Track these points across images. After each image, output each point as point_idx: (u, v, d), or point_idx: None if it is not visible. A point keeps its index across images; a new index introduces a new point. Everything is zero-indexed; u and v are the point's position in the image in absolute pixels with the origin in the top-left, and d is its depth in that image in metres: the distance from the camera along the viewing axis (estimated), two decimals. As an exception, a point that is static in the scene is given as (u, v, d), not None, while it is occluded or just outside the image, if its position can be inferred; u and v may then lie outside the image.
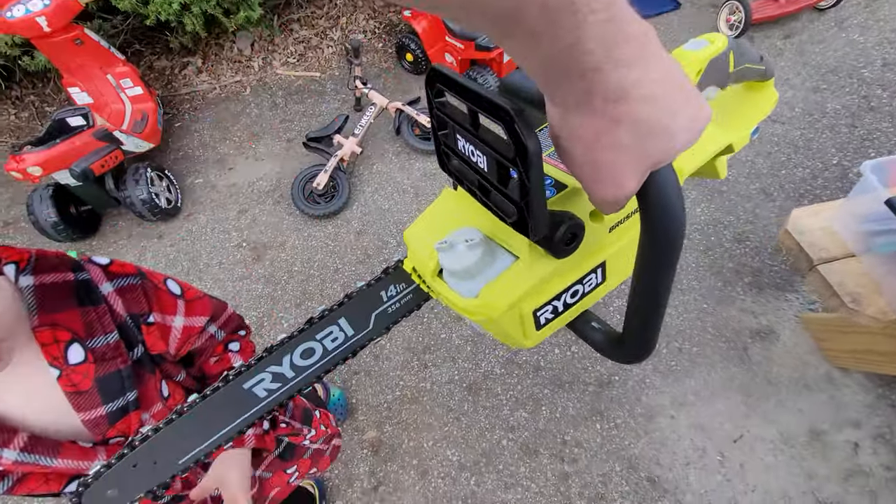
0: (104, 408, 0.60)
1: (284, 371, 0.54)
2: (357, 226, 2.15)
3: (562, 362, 1.66)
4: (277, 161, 2.45)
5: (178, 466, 0.56)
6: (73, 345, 0.56)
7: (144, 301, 0.63)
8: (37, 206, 1.98)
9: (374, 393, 1.66)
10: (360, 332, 0.56)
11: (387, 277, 0.54)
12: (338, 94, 2.77)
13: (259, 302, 1.93)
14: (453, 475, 1.48)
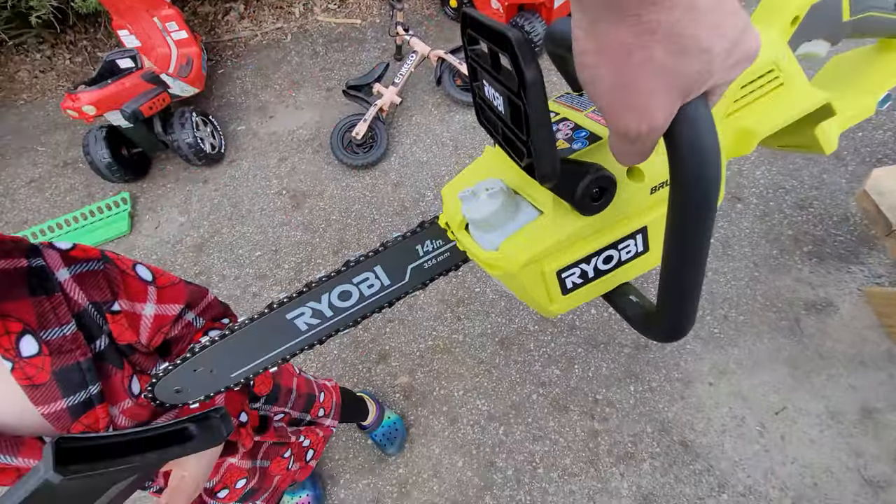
0: (64, 401, 0.56)
1: (323, 309, 0.55)
2: (395, 177, 2.13)
3: (598, 323, 1.63)
4: (317, 110, 2.44)
5: (230, 379, 0.59)
6: (26, 336, 0.52)
7: (108, 288, 0.59)
8: (92, 147, 2.07)
9: (408, 341, 1.68)
10: (395, 283, 0.56)
11: (422, 231, 0.53)
12: (378, 42, 2.69)
13: (298, 248, 1.97)
14: (482, 424, 1.50)
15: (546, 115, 0.30)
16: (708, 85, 0.25)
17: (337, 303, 0.55)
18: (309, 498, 1.40)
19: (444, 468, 1.45)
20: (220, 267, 1.97)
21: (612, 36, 0.23)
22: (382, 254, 0.53)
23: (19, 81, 2.84)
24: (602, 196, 0.37)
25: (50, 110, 2.70)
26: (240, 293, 1.88)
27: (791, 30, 0.44)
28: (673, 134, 0.26)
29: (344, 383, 1.63)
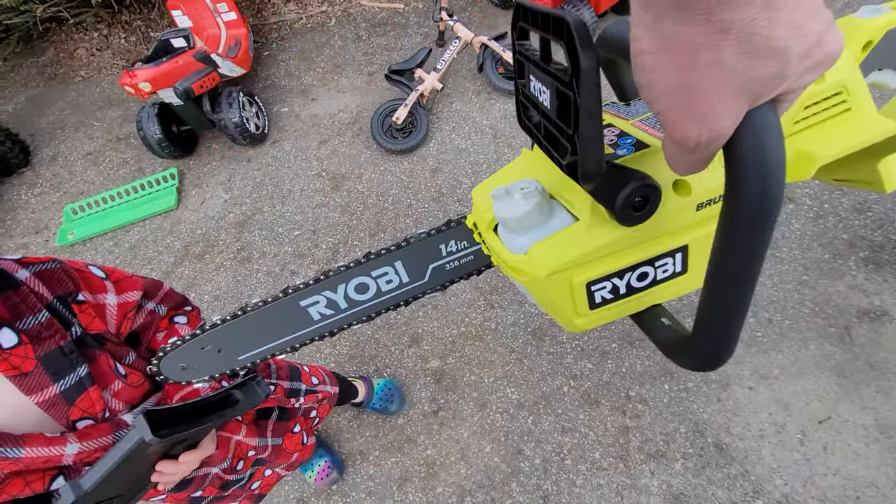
0: (56, 386, 0.58)
1: (338, 300, 0.55)
2: (433, 163, 2.13)
3: (634, 319, 1.60)
4: (358, 94, 2.46)
5: (237, 362, 0.59)
6: (2, 329, 0.55)
7: (69, 282, 0.62)
8: (145, 123, 2.15)
9: (440, 326, 1.70)
10: (414, 282, 0.55)
11: (448, 230, 0.51)
12: (421, 28, 2.68)
13: (335, 229, 2.01)
14: (511, 412, 1.51)
15: (598, 105, 0.29)
16: (780, 90, 0.23)
17: (353, 295, 0.54)
18: (328, 462, 1.44)
19: (471, 452, 1.46)
20: (261, 244, 2.03)
21: (678, 35, 0.22)
22: (405, 249, 0.52)
23: (78, 59, 2.98)
24: (644, 206, 0.35)
25: (105, 87, 2.82)
26: (279, 270, 1.94)
27: (863, 55, 0.42)
28: (735, 142, 0.24)
29: (376, 364, 1.67)
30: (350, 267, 0.53)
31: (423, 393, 1.59)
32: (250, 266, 1.97)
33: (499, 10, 2.67)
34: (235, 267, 1.98)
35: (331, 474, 1.43)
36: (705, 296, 0.30)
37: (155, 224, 2.19)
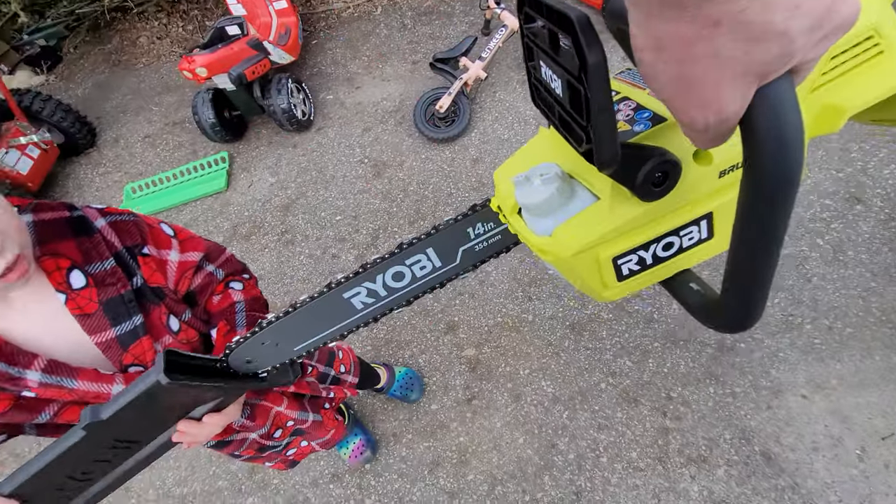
0: (113, 330, 0.63)
1: (377, 289, 0.57)
2: (474, 153, 2.12)
3: (679, 318, 1.54)
4: (402, 82, 2.47)
5: (293, 352, 0.63)
6: (74, 271, 0.60)
7: (138, 234, 0.67)
8: (200, 108, 2.25)
9: (476, 315, 1.70)
10: (446, 265, 0.57)
11: (473, 214, 0.53)
12: (466, 17, 2.66)
13: (376, 216, 2.04)
14: (546, 405, 1.49)
15: (609, 100, 0.29)
16: (790, 65, 0.22)
17: (391, 283, 0.57)
18: (363, 441, 1.48)
19: (504, 442, 1.46)
20: (304, 227, 2.08)
21: (669, 32, 0.22)
22: (434, 236, 0.54)
23: (140, 47, 3.14)
24: (665, 181, 0.35)
25: (164, 74, 2.96)
26: (320, 253, 1.99)
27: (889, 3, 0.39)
28: (749, 118, 0.24)
29: (411, 349, 1.68)
30: (385, 258, 0.55)
31: (458, 381, 1.59)
32: (293, 248, 2.03)
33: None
34: (279, 248, 2.04)
35: (364, 452, 1.46)
36: (732, 262, 0.31)
37: (206, 205, 2.29)
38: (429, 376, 1.61)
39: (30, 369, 0.59)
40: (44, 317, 0.61)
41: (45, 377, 0.59)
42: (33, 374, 0.59)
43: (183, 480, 1.59)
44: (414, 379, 1.57)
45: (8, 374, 0.57)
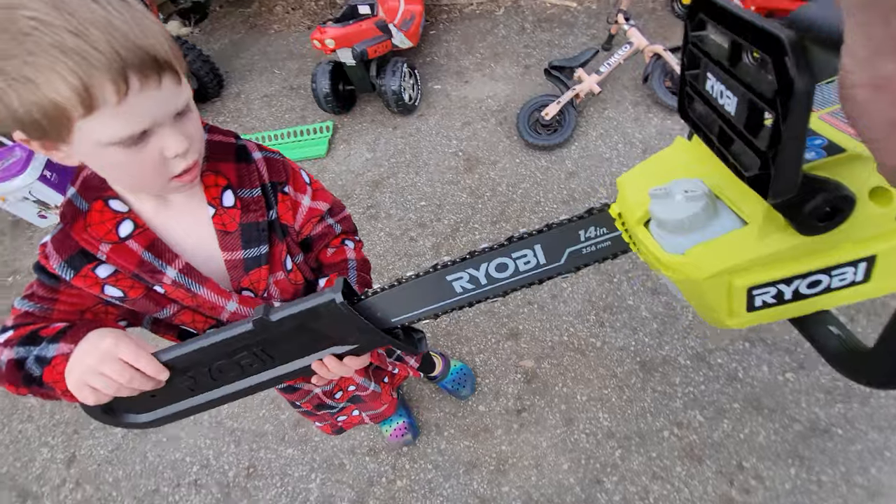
0: (242, 252, 0.68)
1: (479, 276, 0.58)
2: (570, 166, 2.06)
3: (768, 384, 1.40)
4: (510, 84, 2.46)
5: (391, 323, 0.64)
6: (227, 191, 0.66)
7: (283, 173, 0.71)
8: (319, 77, 2.39)
9: (542, 328, 1.65)
10: (550, 263, 0.57)
11: (589, 217, 0.51)
12: (588, 29, 2.60)
13: (459, 208, 2.05)
14: (599, 438, 1.41)
15: (804, 130, 0.27)
16: None
17: (493, 273, 0.58)
18: (406, 423, 1.48)
19: (546, 463, 1.40)
20: (389, 206, 2.14)
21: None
22: (545, 234, 0.54)
23: (275, 14, 3.40)
24: (833, 217, 0.32)
25: (291, 42, 3.18)
26: (399, 234, 2.03)
27: None
28: None
29: (470, 347, 1.67)
30: (493, 248, 0.56)
31: (511, 389, 1.55)
32: (375, 224, 2.10)
33: (680, 21, 2.48)
34: (362, 221, 2.12)
35: (405, 434, 1.46)
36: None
37: (304, 167, 2.42)
38: (482, 377, 1.59)
39: (170, 266, 0.64)
40: (191, 224, 0.67)
41: (179, 277, 0.65)
42: (171, 272, 0.64)
43: (235, 415, 1.69)
44: (467, 375, 1.56)
45: (152, 266, 0.63)
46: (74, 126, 0.47)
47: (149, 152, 0.52)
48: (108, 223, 0.61)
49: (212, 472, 1.59)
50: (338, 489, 1.48)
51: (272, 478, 1.54)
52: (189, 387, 0.63)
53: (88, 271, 0.62)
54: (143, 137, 0.51)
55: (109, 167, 0.55)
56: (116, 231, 0.61)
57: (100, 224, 0.60)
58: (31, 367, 0.57)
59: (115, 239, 0.61)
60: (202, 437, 1.67)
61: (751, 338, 1.49)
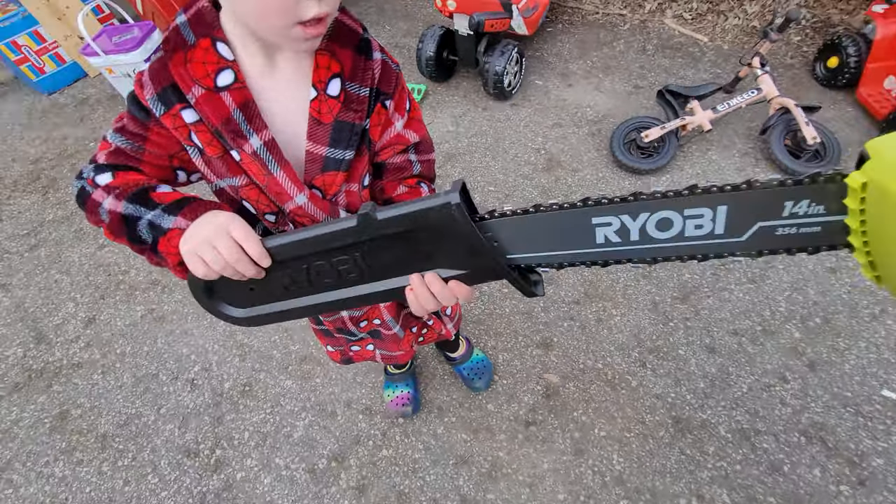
0: (326, 149, 0.62)
1: (632, 229, 0.46)
2: (655, 196, 1.92)
3: (816, 490, 1.22)
4: (615, 99, 2.34)
5: (506, 259, 0.54)
6: (336, 79, 0.59)
7: (393, 86, 0.64)
8: (427, 40, 2.36)
9: (578, 349, 1.53)
10: (728, 237, 0.44)
11: (809, 185, 0.39)
12: (713, 67, 2.43)
13: (527, 203, 1.95)
14: (606, 480, 1.28)
15: None
16: None
17: (650, 229, 0.46)
18: (410, 394, 1.41)
19: (542, 487, 1.29)
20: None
21: None
22: (739, 193, 0.41)
23: (401, -25, 3.42)
24: None
25: (409, 2, 3.19)
26: (458, 210, 1.96)
27: None
28: None
29: (496, 342, 1.58)
30: (665, 196, 0.44)
31: (526, 398, 1.44)
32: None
33: (816, 84, 2.27)
34: (425, 188, 2.07)
35: (406, 405, 1.39)
36: None
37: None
38: (500, 377, 1.49)
39: (256, 134, 0.59)
40: (288, 100, 0.61)
41: (261, 150, 0.60)
42: (255, 141, 0.59)
43: (248, 331, 1.68)
44: (486, 368, 1.47)
45: (238, 128, 0.58)
46: None
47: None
48: (210, 66, 0.56)
49: (210, 378, 1.58)
50: (322, 436, 1.42)
51: (264, 402, 1.51)
52: (286, 285, 0.60)
53: (177, 111, 0.58)
54: None
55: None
56: (214, 77, 0.56)
57: (200, 63, 0.55)
58: (142, 230, 0.57)
59: (211, 85, 0.56)
60: (212, 341, 1.67)
61: (809, 433, 1.30)
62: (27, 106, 2.94)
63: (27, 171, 2.46)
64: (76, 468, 1.42)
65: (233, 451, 1.41)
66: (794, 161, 1.89)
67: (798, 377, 1.40)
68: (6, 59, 2.83)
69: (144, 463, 1.42)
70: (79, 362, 1.66)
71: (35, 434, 1.51)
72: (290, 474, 1.36)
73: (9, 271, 1.98)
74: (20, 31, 2.80)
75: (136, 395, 1.56)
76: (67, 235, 2.09)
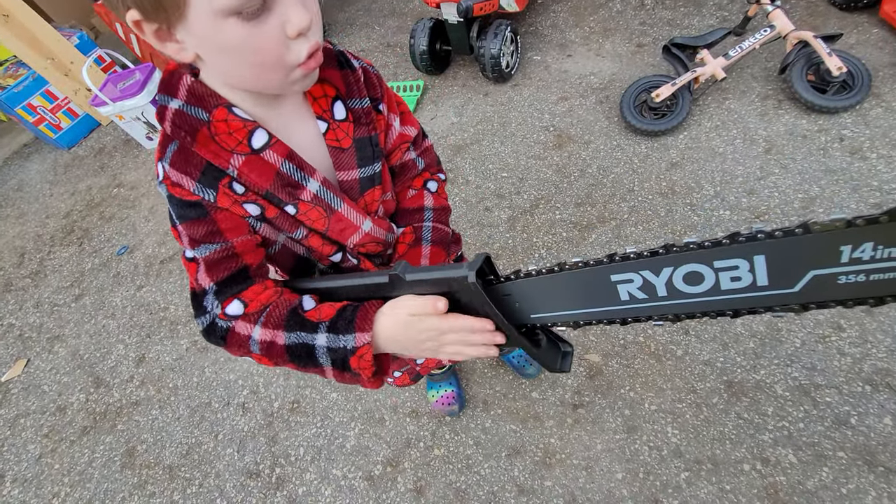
0: (358, 171, 0.62)
1: (657, 285, 0.43)
2: (674, 156, 1.85)
3: (889, 439, 1.16)
4: (618, 62, 2.26)
5: (528, 319, 0.54)
6: (337, 102, 0.59)
7: (379, 89, 0.64)
8: (418, 34, 2.33)
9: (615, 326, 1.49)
10: (775, 288, 0.38)
11: (868, 227, 0.32)
12: (718, 10, 2.31)
13: (542, 185, 1.92)
14: (664, 454, 1.26)
15: None
16: None
17: (679, 284, 0.42)
18: (454, 393, 1.42)
19: (598, 468, 1.27)
20: (468, 172, 2.06)
21: None
22: (777, 241, 0.36)
23: (383, -28, 3.38)
24: None
25: (394, 1, 3.16)
26: (475, 201, 1.95)
27: None
28: None
29: (532, 328, 1.56)
30: (687, 249, 0.41)
31: (569, 381, 1.43)
32: (451, 188, 2.02)
33: (834, 9, 2.12)
34: (438, 184, 2.05)
35: (452, 405, 1.40)
36: None
37: (389, 123, 2.40)
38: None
39: (312, 178, 0.57)
40: (306, 141, 0.59)
41: (321, 191, 0.58)
42: (313, 185, 0.57)
43: (288, 350, 1.72)
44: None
45: (291, 179, 0.56)
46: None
47: (270, 27, 0.45)
48: (238, 133, 0.53)
49: (259, 399, 1.63)
50: (374, 442, 1.45)
51: (314, 416, 1.54)
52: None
53: (225, 188, 0.54)
54: (264, 8, 0.45)
55: (227, 52, 0.47)
56: (249, 142, 0.53)
57: (227, 134, 0.52)
58: (320, 356, 0.56)
59: (248, 150, 0.53)
60: (255, 364, 1.72)
61: (874, 381, 1.24)
62: (51, 163, 3.08)
63: (61, 226, 2.58)
64: (150, 500, 1.50)
65: (291, 468, 1.46)
66: (821, 96, 1.78)
67: (855, 324, 1.33)
68: (25, 122, 2.97)
69: (211, 488, 1.48)
70: (136, 400, 1.74)
71: (108, 472, 1.60)
72: (348, 483, 1.39)
73: (60, 323, 2.09)
74: (33, 92, 2.92)
75: (194, 424, 1.63)
76: (107, 281, 2.19)
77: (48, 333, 2.07)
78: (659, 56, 2.16)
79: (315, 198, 0.58)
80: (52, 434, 1.74)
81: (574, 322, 0.51)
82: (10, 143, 3.42)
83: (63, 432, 1.73)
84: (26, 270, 2.40)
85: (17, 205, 2.87)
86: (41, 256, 2.45)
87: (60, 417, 1.77)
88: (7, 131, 3.54)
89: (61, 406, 1.81)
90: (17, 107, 2.88)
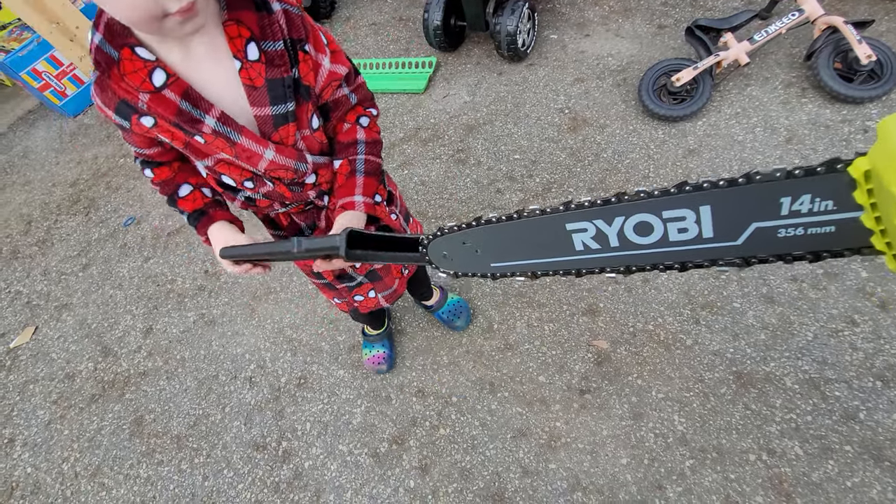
0: (270, 108, 0.66)
1: (610, 235, 0.45)
2: (692, 143, 1.81)
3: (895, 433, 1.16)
4: (638, 44, 2.19)
5: (489, 268, 0.58)
6: (251, 43, 0.62)
7: (303, 30, 0.66)
8: (432, 8, 2.26)
9: (626, 311, 1.49)
10: (718, 241, 0.40)
11: (807, 178, 0.33)
12: (746, -7, 2.23)
13: (556, 168, 1.88)
14: (669, 441, 1.26)
15: None
16: None
17: (630, 234, 0.44)
18: (386, 353, 1.53)
19: (603, 453, 1.28)
20: (480, 153, 2.02)
21: None
22: (721, 191, 0.37)
23: (396, -58, 3.27)
24: None
25: (407, -28, 3.06)
26: (486, 183, 1.92)
27: None
28: None
29: (541, 313, 1.56)
30: (637, 199, 0.42)
31: (577, 366, 1.43)
32: (462, 168, 1.99)
33: (866, -5, 2.04)
34: (450, 164, 2.02)
35: (381, 364, 1.53)
36: None
37: (400, 100, 2.35)
38: (548, 348, 1.48)
39: (208, 115, 0.64)
40: (220, 77, 0.64)
41: (218, 125, 0.65)
42: (210, 120, 0.64)
43: (296, 326, 1.73)
44: (463, 308, 1.58)
45: (191, 115, 0.63)
46: None
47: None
48: (141, 72, 0.60)
49: (266, 374, 1.64)
50: (380, 420, 1.46)
51: (320, 392, 1.55)
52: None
53: (136, 121, 0.64)
54: None
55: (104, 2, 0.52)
56: (150, 80, 0.60)
57: (133, 73, 0.60)
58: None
59: (151, 88, 0.60)
60: (263, 339, 1.72)
61: (886, 377, 1.23)
62: (57, 130, 3.04)
63: (68, 195, 2.56)
64: (158, 468, 1.52)
65: (297, 442, 1.48)
66: (847, 85, 1.73)
67: (868, 319, 1.32)
68: (30, 87, 2.92)
69: (218, 459, 1.50)
70: (144, 371, 1.76)
71: (117, 440, 1.62)
72: (354, 459, 1.41)
73: (68, 291, 2.10)
74: (38, 57, 2.87)
75: (201, 396, 1.65)
76: (114, 252, 2.19)
77: (56, 302, 2.07)
78: (681, 38, 2.10)
79: (214, 131, 0.65)
80: (61, 401, 1.76)
81: (532, 272, 0.54)
82: (15, 108, 3.38)
83: (72, 399, 1.75)
84: (33, 238, 2.40)
85: (22, 172, 2.85)
86: (48, 225, 2.44)
87: (69, 385, 1.79)
88: (12, 96, 3.49)
89: (70, 374, 1.82)
90: (21, 71, 2.83)
